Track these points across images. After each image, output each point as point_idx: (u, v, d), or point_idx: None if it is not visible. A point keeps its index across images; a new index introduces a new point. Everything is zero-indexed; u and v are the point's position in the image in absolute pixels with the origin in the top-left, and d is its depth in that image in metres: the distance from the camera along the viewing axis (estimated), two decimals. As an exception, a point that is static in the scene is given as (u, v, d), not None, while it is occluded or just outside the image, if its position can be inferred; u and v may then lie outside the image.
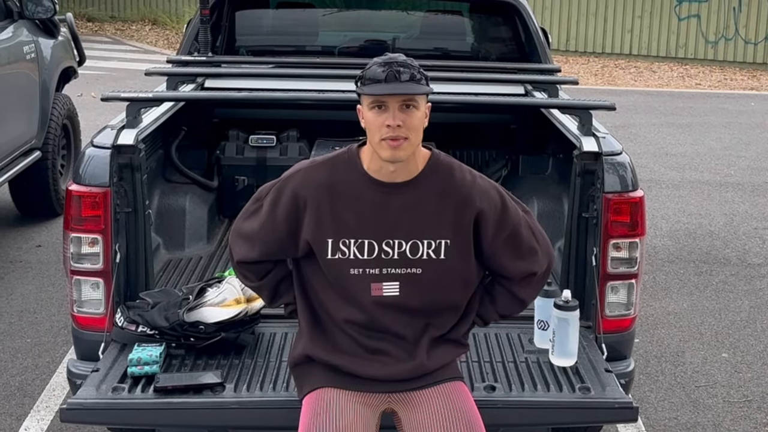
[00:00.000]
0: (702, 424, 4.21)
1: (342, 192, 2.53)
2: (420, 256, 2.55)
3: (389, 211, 2.52)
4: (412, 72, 2.49)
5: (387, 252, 2.53)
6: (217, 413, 2.87)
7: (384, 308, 2.56)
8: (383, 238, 2.53)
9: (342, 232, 2.52)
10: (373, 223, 2.52)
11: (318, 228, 2.52)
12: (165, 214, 4.24)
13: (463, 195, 2.57)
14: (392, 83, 2.46)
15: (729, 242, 6.73)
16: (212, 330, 3.13)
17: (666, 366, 4.75)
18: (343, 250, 2.53)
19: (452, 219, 2.55)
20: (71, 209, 3.28)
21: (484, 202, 2.58)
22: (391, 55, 2.55)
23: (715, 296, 5.71)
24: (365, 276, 2.54)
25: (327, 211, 2.52)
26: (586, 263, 3.41)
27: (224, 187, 4.75)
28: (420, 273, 2.55)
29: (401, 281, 2.55)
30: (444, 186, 2.56)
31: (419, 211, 2.53)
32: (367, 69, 2.52)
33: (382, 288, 2.55)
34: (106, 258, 3.26)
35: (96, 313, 3.28)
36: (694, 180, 8.41)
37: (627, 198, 3.36)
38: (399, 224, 2.53)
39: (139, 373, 2.95)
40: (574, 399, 2.95)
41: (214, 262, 4.13)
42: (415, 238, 2.54)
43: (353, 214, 2.52)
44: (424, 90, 2.51)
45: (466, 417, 2.56)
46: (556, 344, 3.12)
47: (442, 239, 2.55)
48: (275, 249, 2.63)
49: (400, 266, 2.54)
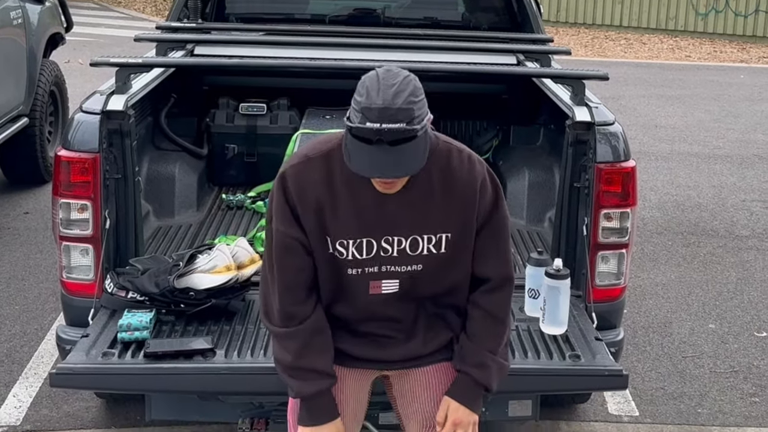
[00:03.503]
0: (688, 394, 4.24)
1: (339, 189, 2.40)
2: (420, 252, 2.44)
3: (388, 208, 2.40)
4: (405, 131, 2.20)
5: (386, 249, 2.43)
6: (207, 379, 2.87)
7: (383, 304, 2.50)
8: (382, 235, 2.42)
9: (340, 233, 2.41)
10: (372, 220, 2.40)
11: (315, 227, 2.41)
12: (155, 181, 4.22)
13: (463, 186, 2.43)
14: (383, 150, 2.19)
15: (717, 214, 6.75)
16: (202, 296, 3.13)
17: (653, 336, 4.78)
18: (340, 251, 2.42)
19: (453, 211, 2.44)
20: (60, 175, 3.25)
21: (483, 194, 2.46)
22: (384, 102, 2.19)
23: (703, 268, 5.74)
24: (363, 275, 2.45)
25: (324, 210, 2.40)
26: (578, 233, 3.41)
27: (214, 154, 4.73)
28: (420, 269, 2.46)
29: (401, 278, 2.47)
30: (444, 177, 2.42)
31: (418, 205, 2.42)
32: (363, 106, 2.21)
33: (381, 286, 2.47)
34: (96, 224, 3.24)
35: (85, 280, 3.26)
36: (683, 152, 8.43)
37: (619, 168, 3.36)
38: (398, 220, 2.42)
39: (129, 339, 2.94)
40: (565, 366, 2.96)
41: (204, 229, 4.11)
42: (415, 234, 2.43)
43: (351, 212, 2.40)
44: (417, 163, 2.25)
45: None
46: (546, 313, 3.13)
47: (443, 233, 2.44)
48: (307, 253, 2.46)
49: (400, 264, 2.45)
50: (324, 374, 2.46)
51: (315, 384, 2.45)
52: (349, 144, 2.27)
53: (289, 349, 2.46)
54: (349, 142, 2.26)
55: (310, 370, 2.45)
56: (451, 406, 2.52)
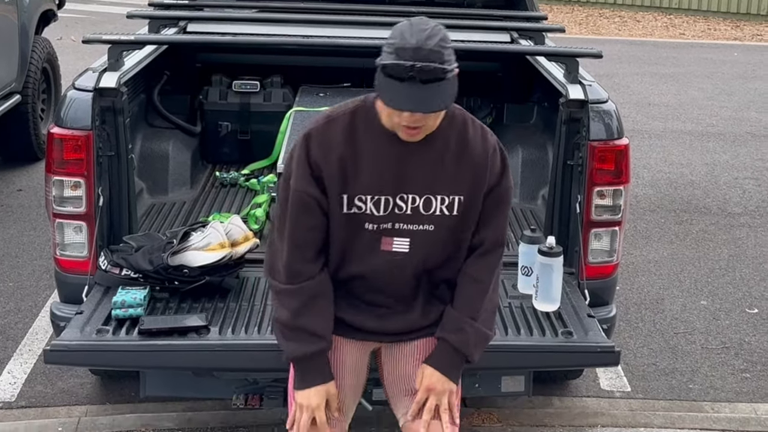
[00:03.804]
0: (680, 370, 4.27)
1: (359, 148, 2.46)
2: (433, 212, 2.50)
3: (405, 166, 2.47)
4: (437, 70, 2.27)
5: (400, 207, 2.49)
6: (201, 355, 2.88)
7: (390, 264, 2.53)
8: (398, 192, 2.48)
9: (359, 189, 2.47)
10: (389, 177, 2.47)
11: (335, 186, 2.46)
12: (148, 158, 4.22)
13: (477, 153, 2.52)
14: (414, 87, 2.26)
15: (709, 192, 6.77)
16: (196, 274, 3.13)
17: (645, 313, 4.81)
18: (359, 206, 2.48)
19: (466, 175, 2.51)
20: (53, 152, 3.25)
21: (493, 162, 2.54)
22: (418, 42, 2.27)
23: (695, 245, 5.76)
24: (378, 231, 2.50)
25: (346, 168, 2.46)
26: (570, 210, 3.42)
27: (207, 132, 4.72)
28: (432, 229, 2.51)
29: (412, 237, 2.51)
30: (460, 142, 2.51)
31: (434, 165, 2.49)
32: (397, 46, 2.28)
33: (392, 243, 2.51)
34: (89, 201, 3.24)
35: (79, 257, 3.27)
36: (677, 130, 8.43)
37: (612, 146, 3.36)
38: (414, 178, 2.48)
39: (124, 316, 2.95)
40: (557, 343, 2.98)
41: (197, 206, 4.11)
42: (429, 193, 2.49)
43: (370, 169, 2.46)
44: (446, 102, 2.33)
45: None
46: (539, 290, 3.14)
47: (456, 195, 2.51)
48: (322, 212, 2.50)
49: (413, 222, 2.50)
50: (320, 337, 2.49)
51: (309, 345, 2.47)
52: (382, 83, 2.32)
53: (288, 306, 2.49)
54: (382, 81, 2.32)
55: (306, 330, 2.47)
56: (426, 371, 2.53)
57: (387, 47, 2.32)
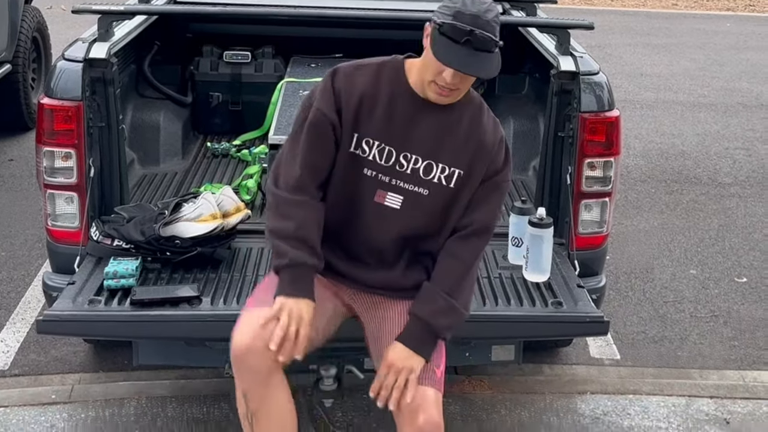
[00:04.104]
0: (669, 338, 4.31)
1: (380, 96, 2.55)
2: (431, 178, 2.57)
3: (417, 127, 2.55)
4: (490, 41, 2.41)
5: (402, 164, 2.56)
6: (194, 326, 2.90)
7: (380, 218, 2.59)
8: (402, 149, 2.56)
9: (369, 131, 2.55)
10: (399, 132, 2.55)
11: (351, 119, 2.54)
12: (139, 129, 4.21)
13: (486, 136, 2.61)
14: (467, 51, 2.39)
15: (700, 162, 6.79)
16: (188, 245, 3.14)
17: (635, 282, 4.84)
18: (364, 148, 2.56)
19: (471, 153, 2.59)
20: (43, 123, 3.25)
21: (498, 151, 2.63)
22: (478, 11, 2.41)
23: (685, 215, 5.79)
24: (375, 180, 2.57)
25: (363, 106, 2.55)
26: (561, 182, 3.43)
27: (198, 103, 4.71)
28: (426, 194, 2.58)
29: (405, 196, 2.58)
30: (472, 122, 2.61)
31: (444, 134, 2.57)
32: (457, 10, 2.42)
33: (385, 197, 2.58)
34: (80, 172, 3.24)
35: (71, 227, 3.27)
36: (669, 100, 8.44)
37: (603, 117, 3.37)
38: (422, 141, 2.56)
39: (116, 286, 2.96)
40: (547, 313, 3.00)
41: (189, 177, 4.11)
42: (432, 160, 2.57)
43: (383, 118, 2.55)
44: (492, 71, 2.46)
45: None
46: (529, 260, 3.16)
47: (457, 168, 2.58)
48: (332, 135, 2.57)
49: (410, 182, 2.57)
50: (318, 256, 2.54)
51: (309, 257, 2.50)
52: (437, 40, 2.43)
53: (292, 217, 2.52)
54: (438, 39, 2.43)
55: (308, 243, 2.51)
56: (391, 346, 2.54)
57: (444, 9, 2.44)
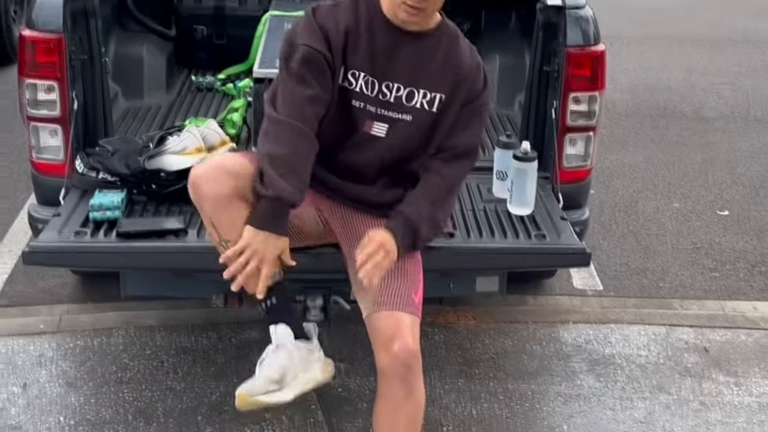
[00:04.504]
0: (651, 269, 4.37)
1: (360, 31, 2.58)
2: (414, 104, 2.62)
3: (396, 56, 2.59)
4: None
5: (385, 93, 2.60)
6: (180, 257, 2.92)
7: (365, 146, 2.64)
8: (384, 79, 2.60)
9: (354, 64, 2.58)
10: (379, 62, 2.58)
11: (339, 51, 2.56)
12: (122, 62, 4.16)
13: (464, 61, 2.66)
14: None
15: (686, 97, 6.80)
16: (174, 178, 3.14)
17: (619, 215, 4.89)
18: (350, 80, 2.59)
19: (450, 77, 2.64)
20: (25, 55, 3.22)
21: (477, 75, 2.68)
22: None
23: (670, 149, 5.82)
24: (363, 111, 2.61)
25: (348, 38, 2.57)
26: (546, 116, 3.44)
27: (182, 36, 4.66)
28: (409, 120, 2.63)
29: (390, 124, 2.63)
30: (450, 48, 2.65)
31: (423, 62, 2.62)
32: None
33: (372, 126, 2.62)
34: (63, 105, 3.22)
35: (55, 160, 3.27)
36: (656, 35, 8.41)
37: (588, 52, 3.37)
38: (402, 69, 2.60)
39: (101, 218, 2.97)
40: (530, 245, 3.03)
41: (173, 111, 4.09)
42: (413, 86, 2.61)
43: (366, 51, 2.58)
44: None
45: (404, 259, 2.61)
46: (514, 194, 3.18)
47: (438, 93, 2.63)
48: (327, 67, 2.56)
49: (394, 110, 2.62)
50: (304, 190, 2.47)
51: (296, 192, 2.44)
52: None
53: (288, 143, 2.46)
54: None
55: (299, 176, 2.46)
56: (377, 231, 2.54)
57: None
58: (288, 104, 2.51)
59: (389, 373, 2.48)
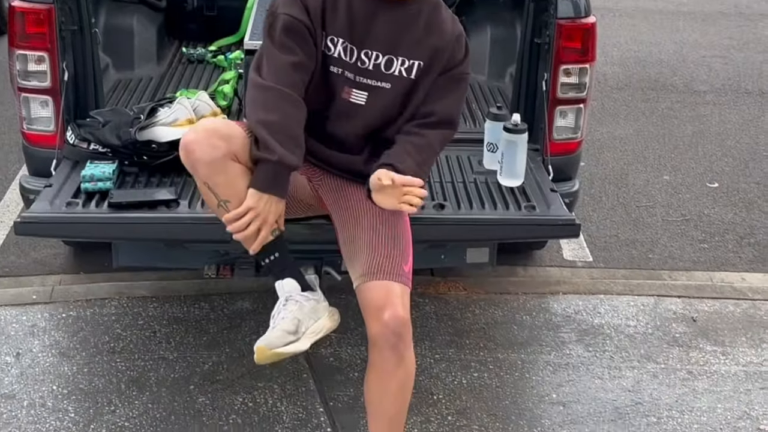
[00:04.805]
0: (640, 241, 4.40)
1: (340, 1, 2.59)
2: (392, 72, 2.64)
3: (376, 23, 2.60)
4: None
5: (363, 61, 2.62)
6: (172, 227, 2.93)
7: (346, 113, 2.66)
8: (363, 47, 2.61)
9: (334, 30, 2.59)
10: (358, 30, 2.60)
11: (318, 18, 2.58)
12: (112, 33, 4.15)
13: (445, 30, 2.67)
14: None
15: (677, 70, 6.81)
16: (165, 149, 3.15)
17: (609, 187, 4.91)
18: (329, 47, 2.60)
19: (429, 44, 2.65)
20: (15, 26, 3.22)
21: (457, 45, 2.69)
22: None
23: (661, 122, 5.84)
24: (341, 77, 2.62)
25: (325, 9, 2.58)
26: (537, 88, 3.45)
27: (173, 7, 4.64)
28: (388, 88, 2.65)
29: (369, 92, 2.64)
30: (431, 15, 2.66)
31: (402, 30, 2.63)
32: None
33: (351, 93, 2.64)
34: (54, 76, 3.22)
35: (46, 131, 3.27)
36: (647, 8, 8.40)
37: (579, 24, 3.37)
38: (380, 37, 2.61)
39: (93, 189, 2.97)
40: (520, 216, 3.05)
41: (164, 83, 4.08)
42: (392, 54, 2.63)
43: (345, 17, 2.59)
44: None
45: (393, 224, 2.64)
46: (504, 165, 3.20)
47: (416, 60, 2.64)
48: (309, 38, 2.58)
49: (372, 78, 2.63)
50: (301, 154, 2.51)
51: (295, 157, 2.47)
52: None
53: (280, 109, 2.49)
54: None
55: (296, 141, 2.49)
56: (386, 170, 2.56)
57: None
58: (274, 71, 2.53)
59: (380, 341, 2.51)
